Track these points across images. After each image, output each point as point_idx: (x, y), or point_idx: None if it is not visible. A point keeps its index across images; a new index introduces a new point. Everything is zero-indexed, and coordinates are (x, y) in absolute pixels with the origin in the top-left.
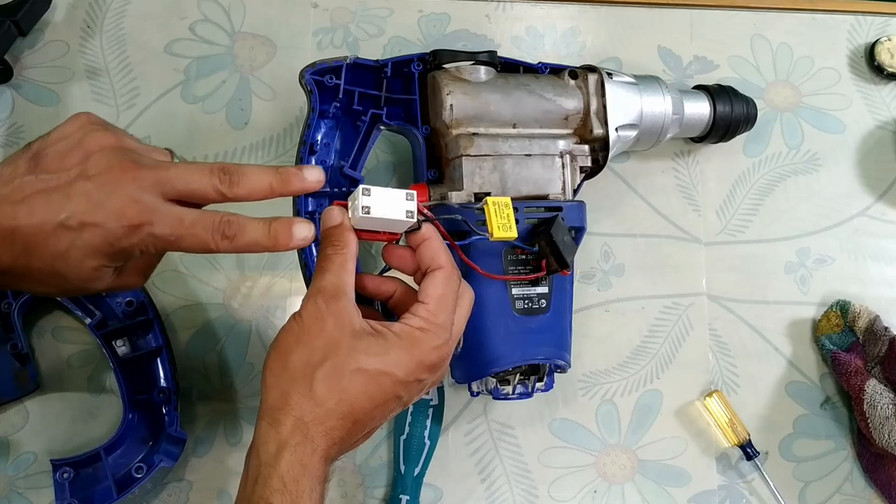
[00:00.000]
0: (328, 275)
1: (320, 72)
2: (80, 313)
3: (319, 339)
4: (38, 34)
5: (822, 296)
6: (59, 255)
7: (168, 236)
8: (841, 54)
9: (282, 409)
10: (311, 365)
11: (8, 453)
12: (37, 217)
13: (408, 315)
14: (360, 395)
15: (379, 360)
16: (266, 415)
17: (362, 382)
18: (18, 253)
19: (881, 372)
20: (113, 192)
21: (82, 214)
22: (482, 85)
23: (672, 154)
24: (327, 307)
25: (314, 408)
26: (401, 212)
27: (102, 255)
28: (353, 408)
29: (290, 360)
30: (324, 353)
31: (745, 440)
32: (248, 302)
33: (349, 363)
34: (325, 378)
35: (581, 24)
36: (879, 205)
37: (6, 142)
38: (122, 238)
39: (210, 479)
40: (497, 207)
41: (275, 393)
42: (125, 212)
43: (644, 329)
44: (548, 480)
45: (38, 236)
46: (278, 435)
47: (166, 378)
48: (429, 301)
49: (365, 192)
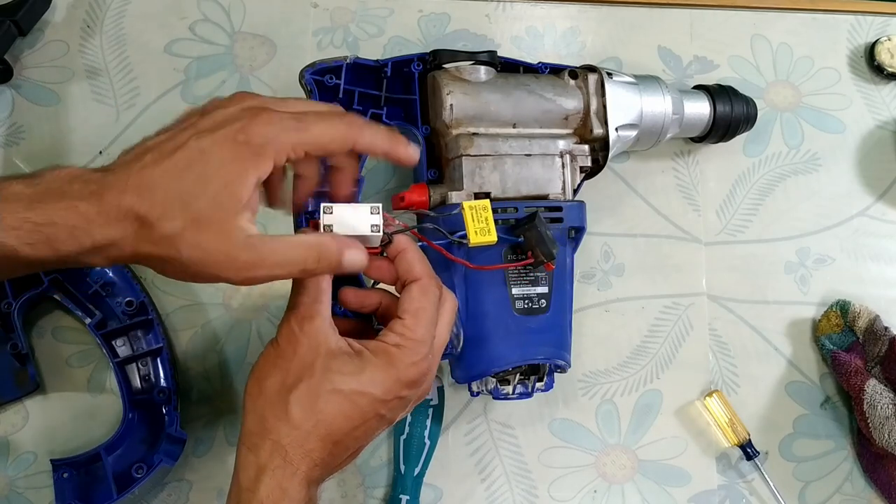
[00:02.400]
0: (301, 296)
1: (320, 72)
2: (80, 313)
3: (293, 362)
4: (38, 34)
5: (822, 296)
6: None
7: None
8: (841, 54)
9: (259, 433)
10: (286, 387)
11: (8, 453)
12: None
13: (384, 332)
14: (338, 416)
15: (354, 379)
16: (245, 440)
17: (338, 403)
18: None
19: (881, 372)
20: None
21: (212, 130)
22: (482, 85)
23: (672, 154)
24: (300, 329)
25: (291, 430)
26: (365, 226)
27: (230, 163)
28: (331, 429)
29: (265, 385)
30: (298, 375)
31: (745, 440)
32: (248, 302)
33: (324, 384)
34: (300, 400)
35: (581, 24)
36: (879, 205)
37: (6, 142)
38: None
39: (210, 479)
40: (475, 212)
41: (252, 418)
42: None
43: (644, 329)
44: (548, 480)
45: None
46: (257, 460)
47: (166, 378)
48: (405, 316)
49: (326, 209)
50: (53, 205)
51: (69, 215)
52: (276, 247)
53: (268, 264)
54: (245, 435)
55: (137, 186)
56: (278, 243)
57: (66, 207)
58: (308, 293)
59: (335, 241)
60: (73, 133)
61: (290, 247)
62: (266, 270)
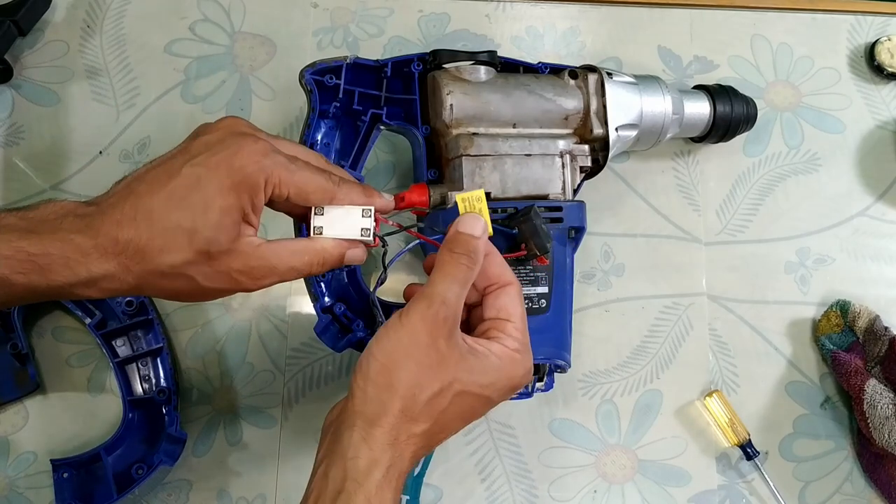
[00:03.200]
0: (455, 286)
1: (320, 72)
2: (80, 313)
3: (430, 358)
4: (38, 34)
5: (822, 296)
6: (187, 195)
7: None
8: (841, 54)
9: (379, 424)
10: (419, 386)
11: (8, 453)
12: (161, 168)
13: (501, 335)
14: (456, 417)
15: (481, 383)
16: (359, 425)
17: (461, 404)
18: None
19: (881, 372)
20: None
21: (205, 156)
22: (482, 85)
23: (672, 154)
24: (444, 323)
25: (411, 427)
26: (355, 230)
27: (228, 190)
28: (444, 427)
29: (396, 376)
30: (434, 375)
31: (745, 440)
32: (248, 302)
33: (455, 386)
34: (431, 401)
35: (581, 24)
36: (879, 205)
37: (6, 142)
38: (247, 168)
39: (210, 479)
40: (468, 203)
41: (374, 405)
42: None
43: (644, 329)
44: (548, 480)
45: (163, 178)
46: (371, 452)
47: (166, 378)
48: (515, 319)
49: (318, 211)
50: (48, 236)
51: (65, 247)
52: (284, 254)
53: (279, 272)
54: (359, 417)
55: (133, 218)
56: (285, 250)
57: (62, 239)
58: (461, 286)
59: (337, 246)
60: (73, 133)
61: (296, 254)
62: (278, 277)
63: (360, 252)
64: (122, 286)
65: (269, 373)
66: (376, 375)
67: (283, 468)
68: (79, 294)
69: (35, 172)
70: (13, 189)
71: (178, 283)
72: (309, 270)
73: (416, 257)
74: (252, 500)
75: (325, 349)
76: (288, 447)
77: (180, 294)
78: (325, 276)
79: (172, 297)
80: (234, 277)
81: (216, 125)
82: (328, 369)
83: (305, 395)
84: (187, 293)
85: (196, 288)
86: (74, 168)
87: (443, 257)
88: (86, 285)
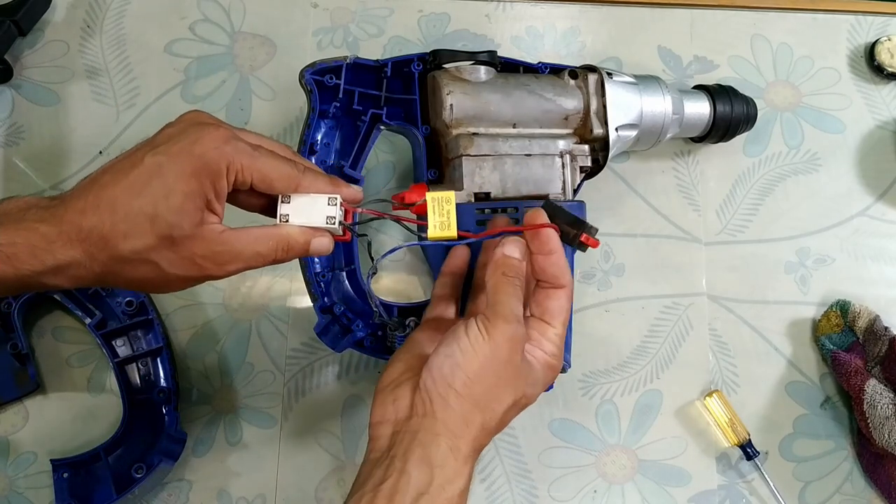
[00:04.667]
0: (519, 305)
1: (320, 72)
2: (80, 313)
3: (508, 373)
4: (38, 34)
5: (822, 296)
6: (148, 182)
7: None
8: (841, 54)
9: (463, 436)
10: (498, 400)
11: (8, 453)
12: (125, 159)
13: (542, 340)
14: (510, 419)
15: (532, 391)
16: (445, 435)
17: (517, 410)
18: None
19: (881, 372)
20: (195, 131)
21: (167, 145)
22: (482, 85)
23: (672, 154)
24: (522, 340)
25: (486, 439)
26: (321, 218)
27: (189, 176)
28: (499, 426)
29: (480, 391)
30: (510, 391)
31: (745, 440)
32: (248, 302)
33: (522, 401)
34: (504, 414)
35: (581, 24)
36: (879, 205)
37: (6, 142)
38: (208, 155)
39: (210, 479)
40: (437, 204)
41: (457, 417)
42: (207, 137)
43: (644, 329)
44: (548, 480)
45: (126, 168)
46: (456, 463)
47: (166, 378)
48: (558, 325)
49: (284, 199)
50: (13, 226)
51: (30, 235)
52: (248, 239)
53: (244, 257)
54: (445, 429)
55: (96, 206)
56: (249, 236)
57: (27, 229)
58: (519, 303)
59: (302, 233)
60: (73, 133)
61: (260, 239)
62: (243, 263)
63: (327, 241)
64: (88, 274)
65: (269, 373)
66: (462, 387)
67: (283, 468)
68: (47, 283)
69: (35, 172)
70: (13, 189)
71: (143, 270)
72: (274, 256)
73: (417, 257)
74: (252, 500)
75: (325, 349)
76: (288, 447)
77: (145, 283)
78: (325, 277)
79: (139, 286)
80: (198, 263)
81: (179, 118)
82: (328, 369)
83: (305, 395)
84: (152, 281)
85: (161, 275)
86: (74, 168)
87: (498, 280)
88: (53, 273)
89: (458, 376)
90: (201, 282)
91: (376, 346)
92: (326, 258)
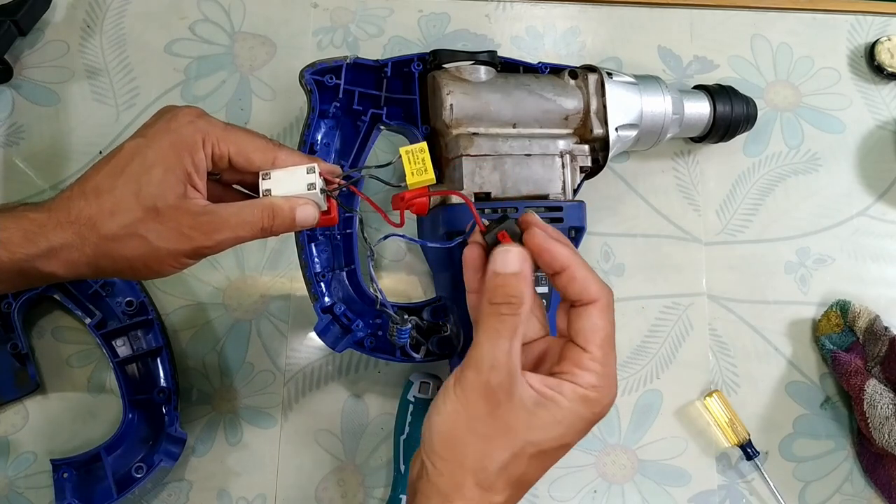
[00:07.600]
0: (502, 342)
1: (320, 72)
2: (80, 313)
3: (492, 428)
4: (38, 34)
5: (822, 296)
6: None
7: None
8: (841, 54)
9: (454, 499)
10: (488, 457)
11: (8, 453)
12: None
13: (574, 371)
14: (537, 473)
15: (557, 435)
16: (436, 500)
17: (541, 462)
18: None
19: (881, 372)
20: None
21: (144, 129)
22: (482, 85)
23: (672, 154)
24: (499, 388)
25: (492, 497)
26: (301, 186)
27: (167, 151)
28: (525, 484)
29: (461, 451)
30: (501, 445)
31: (745, 440)
32: (248, 302)
33: (528, 448)
34: (504, 470)
35: (581, 24)
36: (879, 205)
37: (6, 141)
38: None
39: (210, 479)
40: (411, 155)
41: (446, 480)
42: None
43: (644, 329)
44: (548, 480)
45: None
46: None
47: (166, 378)
48: (593, 349)
49: (265, 176)
50: (4, 214)
51: (21, 221)
52: (233, 209)
53: (230, 225)
54: (436, 493)
55: (83, 192)
56: (234, 206)
57: (18, 217)
58: (507, 340)
59: (286, 201)
60: (73, 133)
61: (246, 209)
62: (230, 231)
63: (311, 210)
64: (82, 257)
65: (269, 373)
66: (441, 450)
67: (282, 468)
68: (42, 269)
69: (35, 172)
70: (13, 189)
71: (133, 245)
72: (262, 224)
73: (417, 257)
74: (252, 500)
75: (325, 349)
76: (288, 447)
77: (137, 262)
78: (325, 277)
79: (132, 271)
80: (186, 234)
81: (158, 112)
82: (328, 369)
83: (305, 395)
84: (144, 260)
85: (152, 251)
86: (74, 168)
87: (483, 311)
88: (47, 257)
89: (435, 439)
90: (194, 258)
91: (376, 346)
92: (326, 258)
